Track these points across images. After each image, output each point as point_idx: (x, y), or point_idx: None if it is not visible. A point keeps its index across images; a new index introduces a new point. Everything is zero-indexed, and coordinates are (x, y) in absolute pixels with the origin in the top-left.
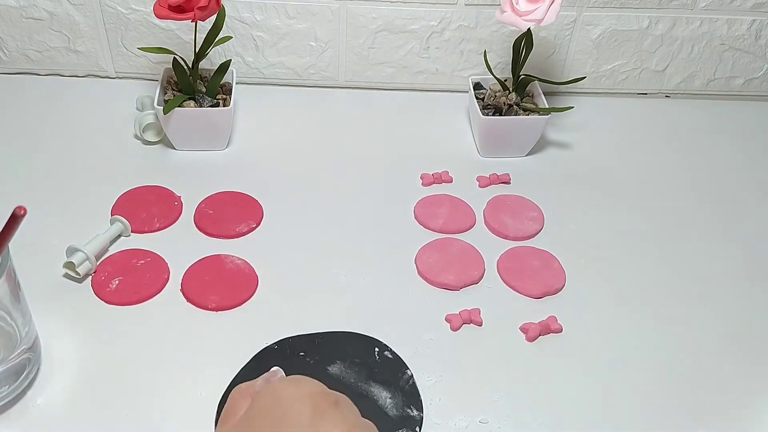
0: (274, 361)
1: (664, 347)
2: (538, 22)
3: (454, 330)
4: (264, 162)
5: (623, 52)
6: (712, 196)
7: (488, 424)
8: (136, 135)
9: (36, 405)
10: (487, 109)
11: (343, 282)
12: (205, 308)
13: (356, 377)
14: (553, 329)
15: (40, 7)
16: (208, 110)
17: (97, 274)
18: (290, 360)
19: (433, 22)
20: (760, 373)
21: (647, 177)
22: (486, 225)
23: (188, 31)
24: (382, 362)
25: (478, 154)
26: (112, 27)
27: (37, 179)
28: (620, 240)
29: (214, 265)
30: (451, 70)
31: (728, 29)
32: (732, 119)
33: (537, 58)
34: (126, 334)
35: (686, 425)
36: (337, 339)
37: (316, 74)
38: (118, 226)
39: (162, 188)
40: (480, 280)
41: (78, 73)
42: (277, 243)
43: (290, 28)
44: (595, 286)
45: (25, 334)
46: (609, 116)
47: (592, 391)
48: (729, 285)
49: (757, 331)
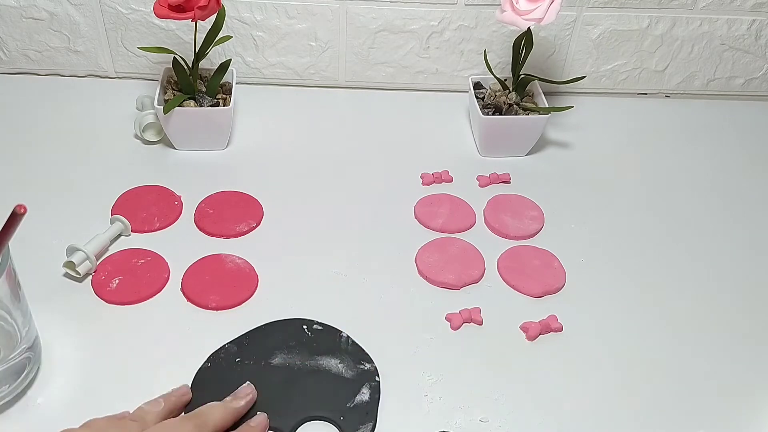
0: (214, 380)
1: (664, 346)
2: (538, 21)
3: (455, 329)
4: (264, 162)
5: (623, 52)
6: (712, 196)
7: (488, 423)
8: (136, 135)
9: (36, 404)
10: (487, 109)
11: (343, 281)
12: (206, 308)
13: (300, 358)
14: (553, 328)
15: (40, 7)
16: (208, 110)
17: (97, 274)
18: (230, 371)
19: (433, 22)
20: (760, 373)
21: (647, 177)
22: (486, 224)
23: (188, 31)
24: (315, 335)
25: (478, 153)
26: (112, 27)
27: (37, 179)
28: (620, 239)
29: (214, 265)
30: (451, 70)
31: (728, 29)
32: (732, 119)
33: (537, 58)
34: (126, 333)
35: (686, 425)
36: (264, 332)
37: (316, 74)
38: (118, 226)
39: (162, 188)
40: (480, 280)
41: (78, 73)
42: (277, 242)
43: (290, 28)
44: (595, 285)
45: (25, 333)
46: (609, 116)
47: (592, 390)
48: (729, 284)
49: (758, 331)
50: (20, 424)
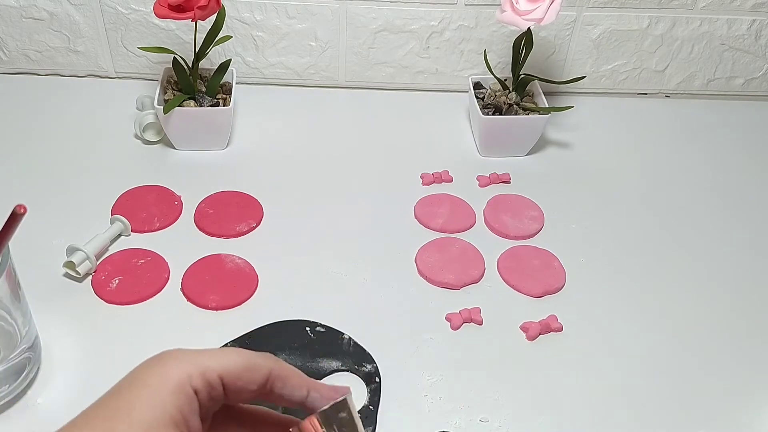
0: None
1: (664, 346)
2: (538, 21)
3: (455, 329)
4: (264, 162)
5: (623, 52)
6: (713, 196)
7: (488, 423)
8: (136, 135)
9: (36, 404)
10: (487, 109)
11: (343, 281)
12: (206, 307)
13: (301, 360)
14: (553, 328)
15: (40, 7)
16: (208, 110)
17: (97, 274)
18: None
19: (433, 22)
20: (760, 374)
21: (647, 177)
22: (486, 224)
23: (188, 31)
24: (318, 338)
25: (478, 153)
26: (112, 27)
27: (37, 179)
28: (620, 239)
29: (214, 265)
30: (451, 70)
31: (728, 29)
32: (732, 119)
33: (537, 58)
34: (126, 333)
35: (686, 425)
36: (267, 333)
37: (316, 74)
38: (118, 226)
39: (162, 188)
40: (480, 280)
41: (78, 73)
42: (277, 242)
43: (290, 28)
44: (595, 285)
45: (26, 333)
46: (609, 116)
47: (592, 390)
48: (729, 284)
49: (758, 331)
50: (20, 424)
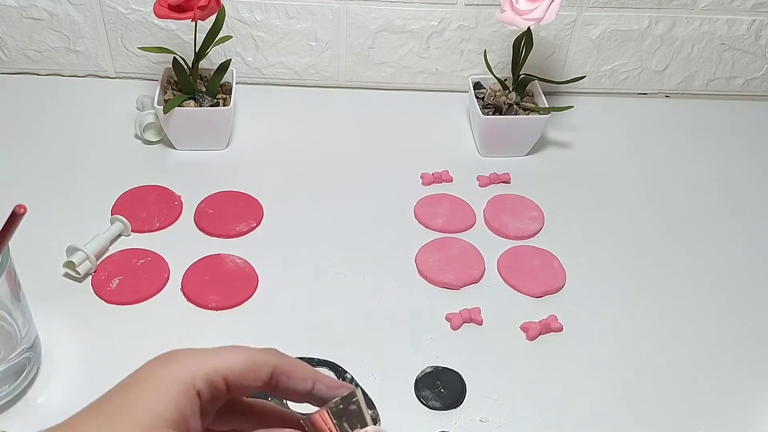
0: None
1: (664, 346)
2: (538, 21)
3: (455, 329)
4: (264, 162)
5: (623, 52)
6: (713, 196)
7: (488, 423)
8: (136, 135)
9: (36, 404)
10: (487, 109)
11: (343, 281)
12: (206, 308)
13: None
14: (553, 328)
15: (40, 7)
16: (208, 110)
17: (98, 274)
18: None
19: (433, 22)
20: (760, 373)
21: (647, 177)
22: (486, 224)
23: (188, 31)
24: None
25: (478, 153)
26: (112, 27)
27: (37, 179)
28: (620, 239)
29: (214, 265)
30: (451, 70)
31: (728, 29)
32: (732, 119)
33: (537, 58)
34: (126, 333)
35: (686, 425)
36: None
37: (316, 74)
38: (118, 226)
39: (162, 188)
40: (480, 280)
41: (78, 73)
42: (277, 242)
43: (290, 28)
44: (595, 285)
45: (25, 333)
46: (609, 116)
47: (592, 390)
48: (729, 284)
49: (758, 331)
50: (20, 424)
